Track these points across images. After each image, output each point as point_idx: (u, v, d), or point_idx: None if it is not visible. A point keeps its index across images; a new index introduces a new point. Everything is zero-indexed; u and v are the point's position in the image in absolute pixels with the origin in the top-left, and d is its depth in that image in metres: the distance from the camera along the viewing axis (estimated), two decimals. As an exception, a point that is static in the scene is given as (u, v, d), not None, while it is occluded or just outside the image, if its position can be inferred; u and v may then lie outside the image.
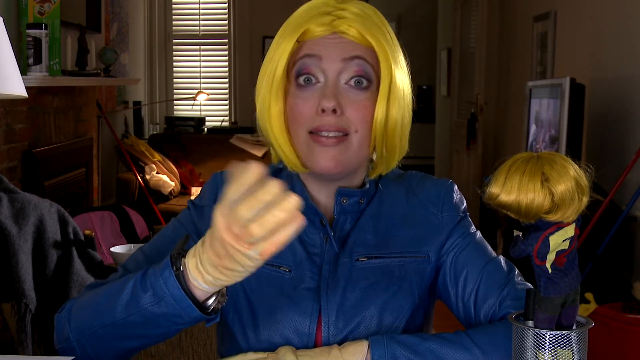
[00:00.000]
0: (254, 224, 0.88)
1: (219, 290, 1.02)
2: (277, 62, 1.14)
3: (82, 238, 2.20)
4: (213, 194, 1.24)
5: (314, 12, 1.14)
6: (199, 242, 0.99)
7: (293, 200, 0.88)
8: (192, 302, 1.00)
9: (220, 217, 0.91)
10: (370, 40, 1.13)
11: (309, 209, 1.19)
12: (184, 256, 1.01)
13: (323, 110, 1.12)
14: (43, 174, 3.81)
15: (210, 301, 1.02)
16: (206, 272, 0.97)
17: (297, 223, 0.89)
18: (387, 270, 1.18)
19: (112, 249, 2.45)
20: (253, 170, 0.88)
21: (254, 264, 0.93)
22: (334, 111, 1.12)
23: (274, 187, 0.87)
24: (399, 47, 1.18)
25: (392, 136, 1.16)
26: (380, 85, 1.14)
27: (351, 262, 1.18)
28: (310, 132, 1.14)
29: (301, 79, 1.14)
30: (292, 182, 1.21)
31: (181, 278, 1.00)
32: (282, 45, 1.14)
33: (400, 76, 1.16)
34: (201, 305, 1.01)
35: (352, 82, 1.14)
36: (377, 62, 1.14)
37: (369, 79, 1.14)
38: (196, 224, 1.24)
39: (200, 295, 1.01)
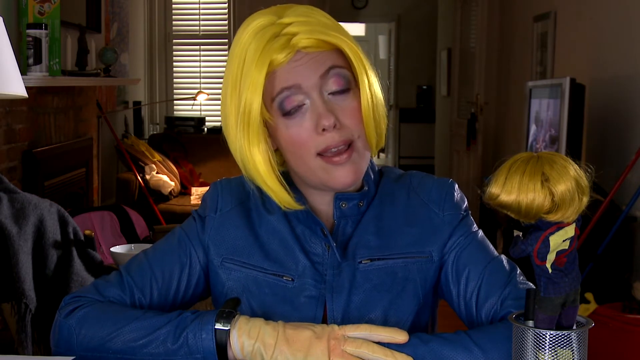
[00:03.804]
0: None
1: None
2: (252, 101, 1.10)
3: (82, 238, 2.21)
4: (214, 203, 1.25)
5: (264, 38, 1.10)
6: (262, 321, 1.06)
7: None
8: None
9: (338, 331, 1.04)
10: (331, 41, 1.11)
11: (310, 219, 1.19)
12: (234, 315, 1.06)
13: (324, 130, 1.10)
14: (43, 174, 3.81)
15: None
16: (250, 337, 1.04)
17: None
18: (390, 272, 1.18)
19: (112, 249, 2.44)
20: (398, 337, 1.03)
21: None
22: (334, 126, 1.11)
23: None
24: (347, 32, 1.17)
25: (379, 119, 1.16)
26: (358, 78, 1.14)
27: (354, 265, 1.18)
28: (319, 154, 1.12)
29: (286, 108, 1.11)
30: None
31: (224, 335, 1.05)
32: (250, 80, 1.09)
33: (367, 65, 1.16)
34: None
35: (334, 91, 1.12)
36: (346, 60, 1.14)
37: (348, 81, 1.13)
38: (199, 235, 1.24)
39: (230, 356, 1.06)
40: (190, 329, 1.06)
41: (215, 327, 1.05)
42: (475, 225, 1.25)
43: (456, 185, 1.26)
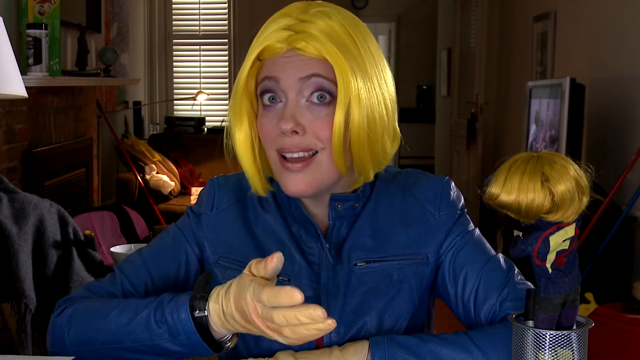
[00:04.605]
0: (287, 328, 0.94)
1: None
2: (239, 81, 1.13)
3: (82, 238, 2.21)
4: (210, 201, 1.25)
5: (275, 27, 1.11)
6: (223, 291, 1.01)
7: (329, 325, 0.92)
8: (208, 344, 1.04)
9: (252, 302, 0.96)
10: (325, 56, 1.08)
11: (304, 219, 1.19)
12: (206, 298, 1.03)
13: (284, 132, 1.10)
14: (43, 174, 3.81)
15: (226, 338, 1.06)
16: (228, 322, 1.01)
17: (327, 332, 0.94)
18: (385, 274, 1.18)
19: (112, 249, 2.45)
20: (296, 297, 0.92)
21: (277, 340, 0.98)
22: (296, 132, 1.09)
23: (316, 311, 0.91)
24: (369, 54, 1.12)
25: (357, 147, 1.11)
26: (337, 97, 1.09)
27: (349, 268, 1.17)
28: (279, 153, 1.12)
29: (266, 99, 1.12)
30: None
31: (203, 320, 1.03)
32: (245, 63, 1.13)
33: (365, 86, 1.10)
34: (215, 343, 1.05)
35: (313, 99, 1.10)
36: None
37: (330, 94, 1.10)
38: (195, 232, 1.24)
39: (217, 335, 1.04)
40: (168, 312, 1.05)
41: (195, 314, 1.03)
42: (471, 223, 1.24)
43: (452, 184, 1.25)
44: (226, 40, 6.97)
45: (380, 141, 1.14)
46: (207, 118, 6.74)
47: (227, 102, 7.00)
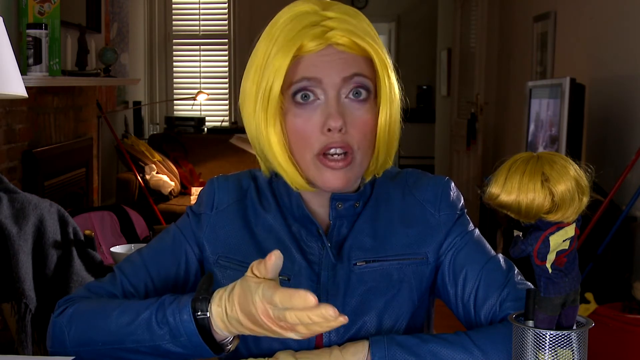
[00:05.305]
0: (301, 326, 0.94)
1: None
2: (273, 81, 1.10)
3: (82, 238, 2.21)
4: (210, 200, 1.25)
5: (302, 23, 1.10)
6: (226, 294, 1.01)
7: (341, 322, 0.92)
8: (209, 346, 1.04)
9: (262, 305, 0.95)
10: (366, 48, 1.10)
11: (305, 218, 1.19)
12: (208, 300, 1.03)
13: (329, 130, 1.10)
14: (43, 174, 3.81)
15: (227, 340, 1.06)
16: (232, 325, 1.00)
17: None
18: (385, 274, 1.18)
19: (112, 249, 2.45)
20: (309, 301, 0.91)
21: (290, 337, 0.98)
22: (340, 129, 1.10)
23: (327, 311, 0.91)
24: (384, 47, 1.16)
25: (392, 139, 1.16)
26: (380, 93, 1.13)
27: (349, 267, 1.18)
28: (318, 153, 1.11)
29: (299, 97, 1.11)
30: (288, 190, 1.20)
31: (205, 322, 1.03)
32: (275, 62, 1.10)
33: (393, 78, 1.15)
34: (217, 344, 1.05)
35: (351, 95, 1.12)
36: (372, 70, 1.12)
37: (368, 90, 1.12)
38: (195, 232, 1.24)
39: (218, 337, 1.04)
40: (169, 312, 1.05)
41: (197, 316, 1.04)
42: (471, 224, 1.24)
43: (452, 184, 1.26)
44: (226, 40, 6.97)
45: (394, 140, 1.18)
46: (207, 118, 6.74)
47: (227, 102, 7.00)
